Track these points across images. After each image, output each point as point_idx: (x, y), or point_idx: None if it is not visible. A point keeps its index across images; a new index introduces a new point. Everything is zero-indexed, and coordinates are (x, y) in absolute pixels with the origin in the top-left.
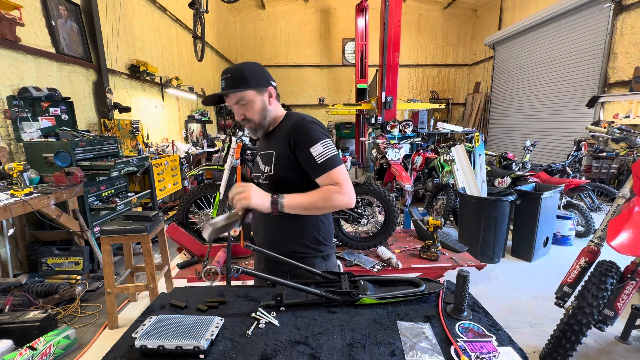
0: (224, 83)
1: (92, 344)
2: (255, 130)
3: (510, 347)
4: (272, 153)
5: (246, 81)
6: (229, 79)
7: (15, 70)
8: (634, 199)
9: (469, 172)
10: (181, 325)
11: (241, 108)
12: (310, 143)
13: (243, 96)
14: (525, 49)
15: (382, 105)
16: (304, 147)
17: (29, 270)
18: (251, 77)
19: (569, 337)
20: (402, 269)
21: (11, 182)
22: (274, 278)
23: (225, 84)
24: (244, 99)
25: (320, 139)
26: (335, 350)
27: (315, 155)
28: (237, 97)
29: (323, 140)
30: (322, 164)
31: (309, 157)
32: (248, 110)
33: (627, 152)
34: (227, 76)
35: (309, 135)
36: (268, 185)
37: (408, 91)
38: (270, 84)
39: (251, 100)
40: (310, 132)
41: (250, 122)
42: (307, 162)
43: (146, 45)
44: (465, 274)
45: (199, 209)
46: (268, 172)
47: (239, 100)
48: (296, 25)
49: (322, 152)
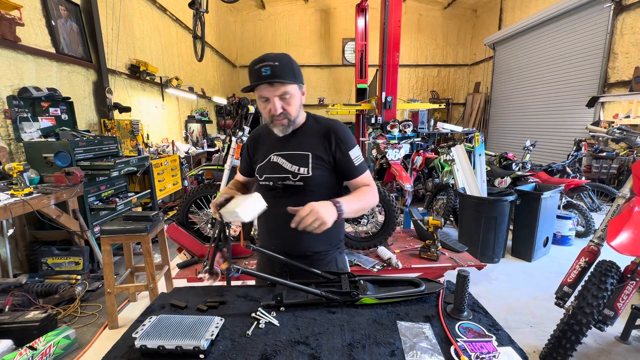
0: (269, 70)
1: (92, 344)
2: (286, 127)
3: (510, 347)
4: (308, 154)
5: (294, 74)
6: (277, 67)
7: (15, 70)
8: (634, 199)
9: (469, 172)
10: (181, 325)
11: (282, 101)
12: (350, 146)
13: (289, 90)
14: (525, 49)
15: (382, 105)
16: (345, 149)
17: (29, 270)
18: (297, 71)
19: (569, 337)
20: (402, 269)
21: (11, 182)
22: (274, 278)
23: (271, 71)
24: (288, 93)
25: (355, 143)
26: (335, 350)
27: (353, 157)
28: (284, 90)
29: (356, 145)
30: (358, 166)
31: (349, 159)
32: (289, 105)
33: (627, 152)
34: (275, 64)
35: (349, 138)
36: (302, 187)
37: (408, 91)
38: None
39: (293, 95)
40: (349, 136)
41: (286, 117)
42: (346, 164)
43: (146, 45)
44: (465, 274)
45: (199, 209)
46: (304, 173)
47: (284, 93)
48: (296, 25)
49: (358, 155)
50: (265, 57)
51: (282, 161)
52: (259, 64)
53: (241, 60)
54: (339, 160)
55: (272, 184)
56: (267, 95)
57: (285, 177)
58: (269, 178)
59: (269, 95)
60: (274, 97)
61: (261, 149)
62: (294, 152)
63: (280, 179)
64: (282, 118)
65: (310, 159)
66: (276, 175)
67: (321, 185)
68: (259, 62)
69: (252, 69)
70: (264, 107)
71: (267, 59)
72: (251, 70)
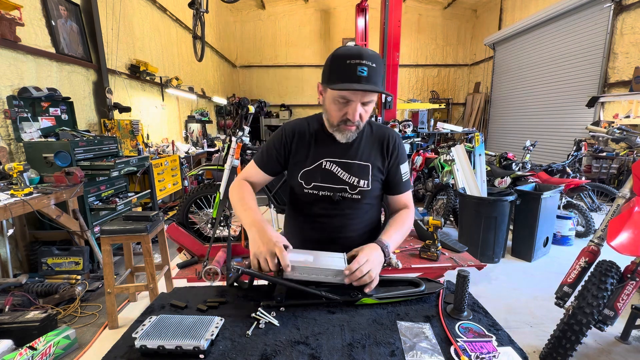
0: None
1: (92, 344)
2: (352, 134)
3: (511, 347)
4: (368, 166)
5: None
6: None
7: (15, 70)
8: (634, 199)
9: (469, 172)
10: (181, 325)
11: (362, 106)
12: (403, 159)
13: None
14: (525, 49)
15: (382, 105)
16: (399, 163)
17: (29, 270)
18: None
19: (569, 337)
20: (402, 269)
21: (11, 182)
22: (274, 278)
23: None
24: (373, 101)
25: (407, 158)
26: (335, 350)
27: (403, 172)
28: (373, 97)
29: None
30: (405, 182)
31: (399, 173)
32: (366, 112)
33: (627, 152)
34: (372, 65)
35: (404, 152)
36: (359, 200)
37: (408, 91)
38: None
39: (373, 103)
40: (403, 149)
41: (357, 125)
42: (395, 178)
43: (146, 45)
44: (465, 274)
45: (199, 209)
46: (364, 186)
47: (369, 102)
48: (296, 25)
49: (407, 170)
50: (363, 53)
51: (338, 169)
52: (356, 60)
53: (241, 60)
54: (391, 173)
55: (324, 194)
56: (352, 98)
57: (342, 188)
58: (318, 187)
59: (354, 98)
60: (358, 103)
61: (306, 149)
62: (353, 162)
63: (337, 190)
64: (354, 125)
65: (371, 171)
66: (330, 186)
67: (375, 197)
68: (356, 58)
69: (345, 62)
70: (338, 109)
71: (364, 57)
72: (342, 64)
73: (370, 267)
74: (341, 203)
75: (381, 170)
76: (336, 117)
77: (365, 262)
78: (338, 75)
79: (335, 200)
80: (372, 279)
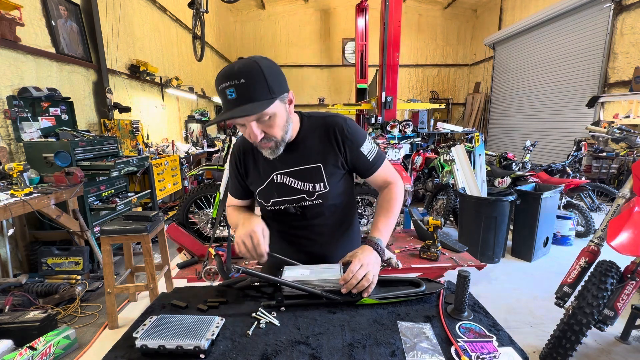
0: (234, 93)
1: (92, 344)
2: (274, 150)
3: (511, 347)
4: (319, 166)
5: (269, 88)
6: (244, 86)
7: (15, 70)
8: (634, 199)
9: (469, 172)
10: (182, 325)
11: (261, 125)
12: (360, 142)
13: (266, 111)
14: (525, 49)
15: (382, 105)
16: (357, 148)
17: (29, 270)
18: (275, 82)
19: (569, 337)
20: (402, 269)
21: (11, 182)
22: (275, 278)
23: (237, 94)
24: (267, 113)
25: (364, 134)
26: (335, 350)
27: (366, 153)
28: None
29: (366, 136)
30: (373, 160)
31: (361, 157)
32: (270, 127)
33: (627, 152)
34: (240, 82)
35: (357, 134)
36: (321, 204)
37: (408, 91)
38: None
39: (274, 114)
40: (357, 131)
41: (270, 141)
42: (360, 163)
43: (146, 45)
44: (465, 274)
45: (199, 209)
46: (321, 189)
47: (260, 116)
48: (296, 25)
49: (370, 148)
50: (229, 72)
51: (290, 180)
52: (224, 84)
53: None
54: (352, 160)
55: (283, 207)
56: (241, 122)
57: (300, 198)
58: (278, 202)
59: (242, 122)
60: (250, 123)
61: (255, 168)
62: (303, 167)
63: (294, 202)
64: (267, 142)
65: (324, 171)
66: (287, 198)
67: (339, 195)
68: (224, 80)
69: (219, 90)
70: (243, 132)
71: (230, 76)
72: (219, 92)
73: (365, 271)
74: (305, 212)
75: (338, 165)
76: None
77: (360, 268)
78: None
79: (297, 212)
80: (370, 282)
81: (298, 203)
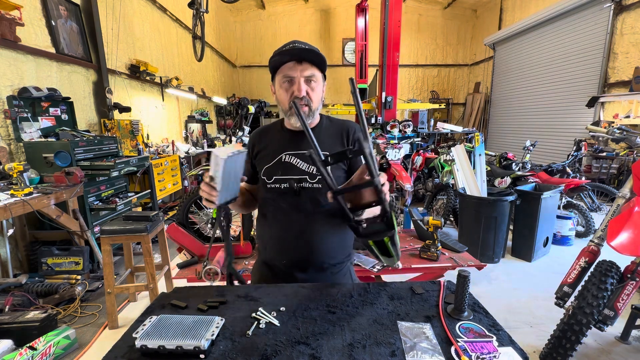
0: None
1: (92, 344)
2: (308, 115)
3: (511, 347)
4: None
5: (323, 62)
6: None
7: (15, 70)
8: (634, 199)
9: (469, 172)
10: (181, 325)
11: (307, 84)
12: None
13: (316, 74)
14: (525, 49)
15: (382, 105)
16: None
17: (29, 270)
18: (325, 62)
19: (569, 337)
20: (402, 269)
21: (11, 182)
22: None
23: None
24: (315, 77)
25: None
26: (335, 350)
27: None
28: (312, 72)
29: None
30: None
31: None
32: (313, 90)
33: (627, 152)
34: (305, 47)
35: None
36: (319, 190)
37: (408, 91)
38: None
39: (319, 82)
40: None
41: (307, 104)
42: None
43: (146, 45)
44: (465, 274)
45: (199, 209)
46: None
47: (311, 75)
48: (296, 25)
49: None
50: (294, 40)
51: (297, 161)
52: (289, 45)
53: (241, 60)
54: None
55: (285, 186)
56: (293, 75)
57: (302, 178)
58: (280, 180)
59: (295, 74)
60: (301, 78)
61: (268, 147)
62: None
63: (296, 181)
64: (303, 104)
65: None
66: (290, 177)
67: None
68: (289, 44)
69: (281, 50)
70: (286, 89)
71: (297, 42)
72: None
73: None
74: (303, 194)
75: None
76: (286, 100)
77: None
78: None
79: (297, 190)
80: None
81: (299, 183)
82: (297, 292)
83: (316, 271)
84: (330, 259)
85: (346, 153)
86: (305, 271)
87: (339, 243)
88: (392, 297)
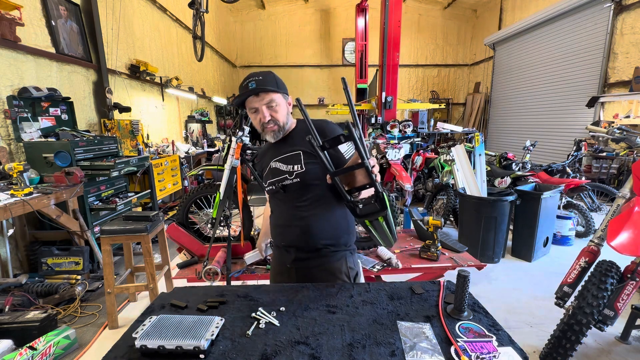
0: (254, 84)
1: (92, 344)
2: (277, 132)
3: (511, 347)
4: (299, 152)
5: (277, 85)
6: (261, 81)
7: (15, 70)
8: (634, 199)
9: (469, 172)
10: (181, 325)
11: (269, 109)
12: None
13: (274, 98)
14: (525, 49)
15: (382, 105)
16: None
17: (29, 270)
18: (280, 83)
19: (569, 337)
20: (402, 268)
21: (11, 182)
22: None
23: (257, 84)
24: (274, 101)
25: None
26: (335, 350)
27: (343, 151)
28: (270, 98)
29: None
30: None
31: (338, 152)
32: (276, 112)
33: (627, 152)
34: (259, 78)
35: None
36: (299, 183)
37: (408, 91)
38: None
39: (279, 104)
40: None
41: (275, 124)
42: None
43: (146, 45)
44: (465, 274)
45: (199, 209)
46: (299, 170)
47: (270, 102)
48: (296, 25)
49: (347, 149)
50: (250, 74)
51: (279, 164)
52: (246, 81)
53: (241, 60)
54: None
55: (274, 187)
56: (256, 106)
57: (283, 178)
58: (271, 182)
59: (257, 105)
60: (262, 106)
61: (263, 162)
62: (287, 154)
63: (279, 181)
64: (272, 125)
65: (302, 156)
66: (276, 179)
67: (317, 180)
68: (246, 80)
69: (241, 86)
70: (255, 118)
71: (252, 76)
72: (240, 89)
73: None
74: (288, 190)
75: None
76: (258, 125)
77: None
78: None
79: (281, 188)
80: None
81: (282, 182)
82: (297, 291)
83: (310, 251)
84: (321, 239)
85: (339, 138)
86: (301, 251)
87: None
88: (392, 297)
